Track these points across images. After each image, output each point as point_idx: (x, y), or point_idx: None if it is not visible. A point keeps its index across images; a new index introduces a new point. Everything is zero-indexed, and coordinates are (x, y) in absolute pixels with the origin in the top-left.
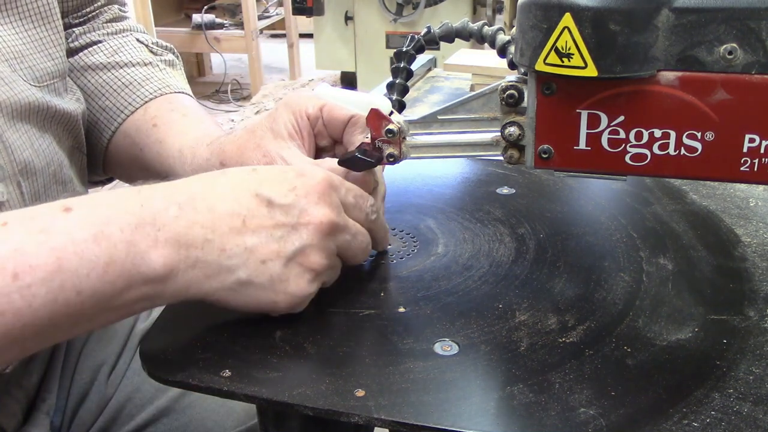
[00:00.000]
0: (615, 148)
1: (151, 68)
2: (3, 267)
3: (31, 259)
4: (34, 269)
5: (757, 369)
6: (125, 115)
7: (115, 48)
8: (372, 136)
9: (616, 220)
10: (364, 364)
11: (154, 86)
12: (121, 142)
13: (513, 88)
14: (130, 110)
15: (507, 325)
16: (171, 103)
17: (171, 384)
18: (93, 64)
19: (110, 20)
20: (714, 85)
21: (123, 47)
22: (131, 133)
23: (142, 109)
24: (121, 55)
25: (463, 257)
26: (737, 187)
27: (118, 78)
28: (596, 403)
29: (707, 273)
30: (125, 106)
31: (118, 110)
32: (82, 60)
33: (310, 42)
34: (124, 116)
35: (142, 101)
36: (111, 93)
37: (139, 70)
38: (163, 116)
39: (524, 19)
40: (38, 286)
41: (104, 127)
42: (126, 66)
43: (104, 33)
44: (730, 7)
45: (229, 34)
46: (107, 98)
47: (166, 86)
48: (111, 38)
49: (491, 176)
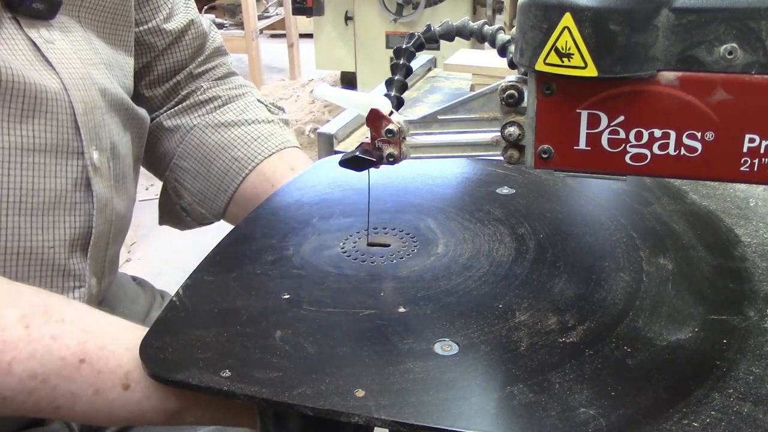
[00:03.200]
0: (615, 148)
1: (274, 125)
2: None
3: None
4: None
5: (757, 369)
6: (255, 164)
7: (242, 107)
8: (372, 136)
9: (616, 220)
10: (364, 364)
11: (278, 140)
12: (252, 179)
13: (513, 88)
14: (260, 159)
15: (507, 325)
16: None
17: (171, 384)
18: (225, 121)
19: (225, 75)
20: (714, 85)
21: (249, 107)
22: (266, 172)
23: (278, 155)
24: (248, 114)
25: (463, 257)
26: (737, 187)
27: (248, 133)
28: (596, 403)
29: (707, 273)
30: (255, 156)
31: (249, 159)
32: (215, 118)
33: (310, 42)
34: (254, 164)
35: (269, 153)
36: (242, 145)
37: (265, 126)
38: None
39: (524, 19)
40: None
41: (235, 174)
42: (254, 123)
43: (227, 89)
44: (730, 7)
45: (229, 34)
46: (239, 149)
47: (288, 141)
48: (236, 99)
49: (491, 176)
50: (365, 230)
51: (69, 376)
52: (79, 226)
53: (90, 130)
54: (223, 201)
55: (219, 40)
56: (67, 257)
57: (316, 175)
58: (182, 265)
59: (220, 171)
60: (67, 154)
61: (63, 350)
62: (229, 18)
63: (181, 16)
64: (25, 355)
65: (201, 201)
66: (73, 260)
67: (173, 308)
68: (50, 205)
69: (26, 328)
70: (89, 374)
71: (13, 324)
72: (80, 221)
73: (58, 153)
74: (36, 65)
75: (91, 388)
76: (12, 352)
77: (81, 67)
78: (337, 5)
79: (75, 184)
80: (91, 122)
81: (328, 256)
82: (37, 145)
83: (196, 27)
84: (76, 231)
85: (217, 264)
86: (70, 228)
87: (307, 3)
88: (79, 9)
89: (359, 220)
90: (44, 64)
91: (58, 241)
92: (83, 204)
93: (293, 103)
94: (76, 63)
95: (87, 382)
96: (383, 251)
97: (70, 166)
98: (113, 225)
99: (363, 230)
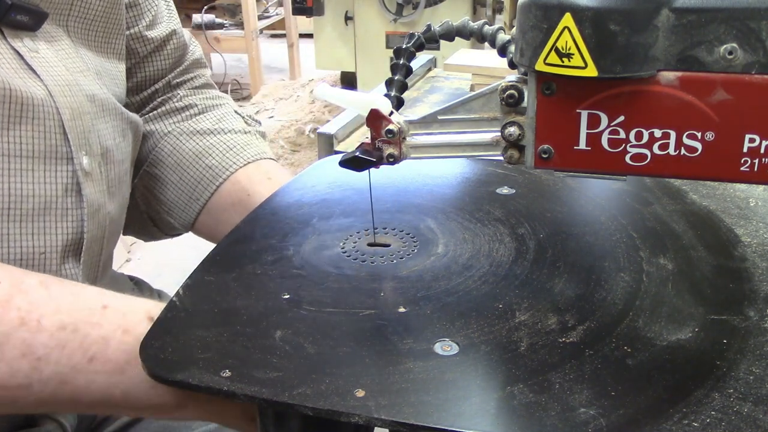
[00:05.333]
0: (615, 148)
1: (251, 136)
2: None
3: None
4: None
5: (757, 369)
6: (230, 172)
7: (219, 117)
8: (372, 136)
9: (616, 220)
10: (364, 364)
11: (254, 151)
12: (227, 188)
13: (513, 88)
14: (235, 168)
15: (507, 325)
16: (280, 168)
17: (171, 384)
18: (201, 129)
19: (203, 86)
20: (714, 85)
21: (225, 117)
22: (241, 181)
23: (255, 165)
24: (224, 123)
25: (463, 257)
26: (737, 187)
27: (224, 142)
28: (596, 403)
29: (707, 273)
30: (230, 164)
31: (224, 168)
32: (190, 126)
33: (310, 42)
34: (229, 173)
35: (245, 162)
36: (217, 153)
37: (241, 136)
38: (277, 173)
39: (524, 19)
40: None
41: (209, 182)
42: (230, 132)
43: (204, 98)
44: (730, 7)
45: (229, 34)
46: (213, 157)
47: (263, 152)
48: (213, 109)
49: (491, 176)
50: (366, 230)
51: (97, 321)
52: (71, 231)
53: (78, 135)
54: (195, 210)
55: (199, 52)
56: (59, 263)
57: (316, 175)
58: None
59: (194, 179)
60: (55, 160)
61: (86, 301)
62: (229, 18)
63: (164, 25)
64: (51, 310)
65: (171, 210)
66: (66, 266)
67: (173, 308)
68: (40, 211)
69: (47, 288)
70: (115, 316)
71: (34, 286)
72: (72, 227)
73: (47, 159)
74: (20, 73)
75: (119, 328)
76: (38, 309)
77: (67, 74)
78: (337, 5)
79: (65, 190)
80: (79, 127)
81: (328, 256)
82: (25, 152)
83: (177, 37)
84: (68, 237)
85: (217, 264)
86: (62, 234)
87: (307, 3)
88: (67, 18)
89: (359, 220)
90: (29, 72)
91: (50, 247)
92: (74, 210)
93: (293, 103)
94: (62, 70)
95: (115, 323)
96: (383, 251)
97: (60, 172)
98: (107, 230)
99: (363, 230)
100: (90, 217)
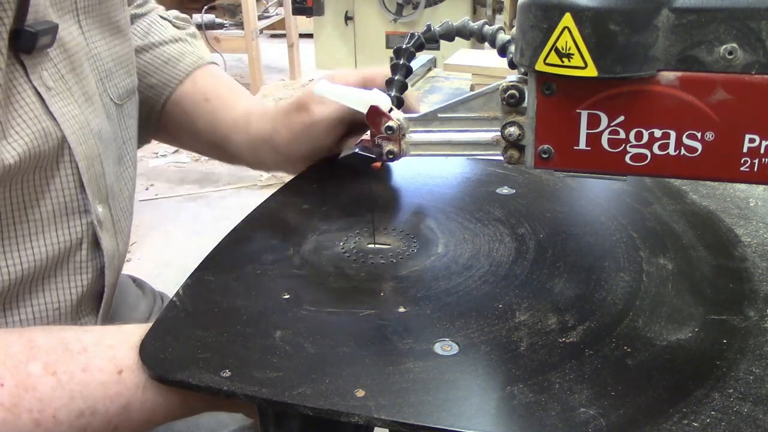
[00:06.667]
0: (615, 148)
1: (183, 44)
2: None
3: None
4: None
5: (757, 369)
6: (171, 89)
7: (145, 29)
8: (372, 132)
9: (616, 220)
10: (364, 364)
11: (190, 60)
12: (173, 111)
13: (514, 88)
14: (175, 83)
15: (507, 325)
16: (213, 77)
17: (171, 384)
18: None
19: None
20: (714, 85)
21: (152, 27)
22: (183, 104)
23: (190, 83)
24: (153, 36)
25: (463, 257)
26: (737, 187)
27: (156, 57)
28: (596, 403)
29: (707, 273)
30: (169, 81)
31: (164, 85)
32: None
33: (310, 42)
34: (170, 90)
35: (184, 75)
36: (154, 71)
37: (173, 47)
38: (212, 91)
39: (524, 19)
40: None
41: (154, 102)
42: (161, 45)
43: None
44: (730, 7)
45: (229, 34)
46: (152, 76)
47: (200, 58)
48: (138, 20)
49: (491, 176)
50: (366, 230)
51: (115, 392)
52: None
53: (93, 184)
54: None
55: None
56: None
57: (316, 175)
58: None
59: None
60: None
61: (99, 375)
62: (229, 18)
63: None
64: (64, 401)
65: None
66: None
67: (173, 308)
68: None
69: (54, 375)
70: (132, 380)
71: (40, 376)
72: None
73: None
74: (43, 119)
75: (138, 388)
76: (51, 404)
77: (79, 113)
78: (337, 5)
79: (79, 244)
80: (93, 175)
81: (328, 256)
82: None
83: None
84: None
85: (217, 264)
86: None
87: (307, 3)
88: (76, 7)
89: (359, 220)
90: (48, 116)
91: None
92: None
93: None
94: (74, 109)
95: (132, 387)
96: (383, 251)
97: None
98: (119, 270)
99: (363, 230)
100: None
